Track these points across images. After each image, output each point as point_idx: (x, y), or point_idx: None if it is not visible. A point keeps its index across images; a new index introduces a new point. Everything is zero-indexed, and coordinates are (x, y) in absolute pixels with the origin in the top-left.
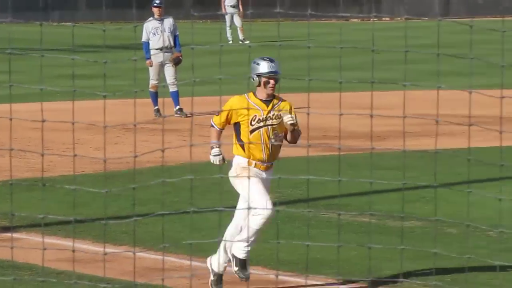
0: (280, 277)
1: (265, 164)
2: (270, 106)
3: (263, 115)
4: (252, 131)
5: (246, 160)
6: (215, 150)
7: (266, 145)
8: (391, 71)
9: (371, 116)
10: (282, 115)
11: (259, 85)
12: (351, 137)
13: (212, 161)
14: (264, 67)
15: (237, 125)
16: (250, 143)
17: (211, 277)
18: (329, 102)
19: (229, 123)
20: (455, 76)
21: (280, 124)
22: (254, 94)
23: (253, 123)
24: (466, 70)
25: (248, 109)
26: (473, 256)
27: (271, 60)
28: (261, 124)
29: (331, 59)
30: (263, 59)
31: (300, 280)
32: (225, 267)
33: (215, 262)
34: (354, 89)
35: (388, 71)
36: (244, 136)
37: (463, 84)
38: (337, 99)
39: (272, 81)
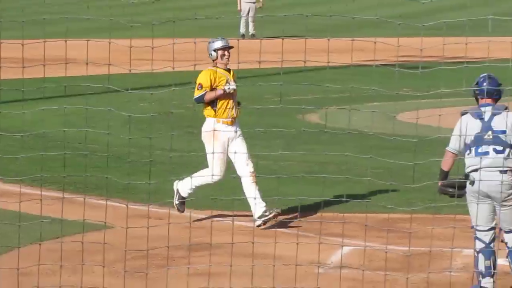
0: None
1: (231, 119)
2: (231, 74)
3: (231, 79)
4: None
5: (215, 120)
6: (226, 85)
7: (234, 102)
8: None
9: None
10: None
11: (216, 58)
12: None
13: (230, 88)
14: (218, 43)
15: (212, 90)
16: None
17: (176, 199)
18: None
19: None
20: None
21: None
22: (216, 66)
23: (227, 84)
24: None
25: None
26: None
27: (222, 38)
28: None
29: None
30: (216, 38)
31: None
32: (188, 194)
33: (184, 188)
34: None
35: None
36: (220, 97)
37: None
38: None
39: (227, 53)
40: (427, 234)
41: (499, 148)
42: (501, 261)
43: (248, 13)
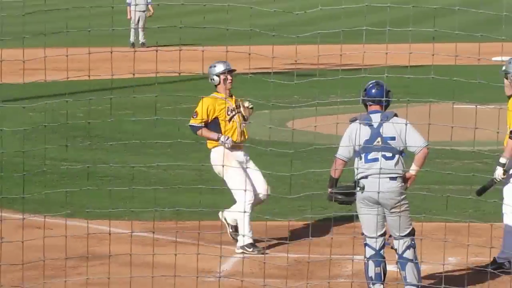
0: None
1: (240, 144)
2: (233, 98)
3: (232, 106)
4: (230, 119)
5: (223, 148)
6: (223, 136)
7: (240, 128)
8: None
9: None
10: (241, 103)
11: (219, 83)
12: None
13: (226, 145)
14: (220, 67)
15: (213, 121)
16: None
17: (229, 229)
18: None
19: (207, 120)
20: None
21: (243, 110)
22: (217, 92)
23: (229, 113)
24: None
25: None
26: None
27: (224, 61)
28: (234, 112)
29: None
30: (217, 62)
31: None
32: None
33: (230, 217)
34: None
35: None
36: (223, 126)
37: None
38: None
39: (229, 77)
40: (318, 241)
41: (389, 154)
42: (391, 268)
43: (138, 22)
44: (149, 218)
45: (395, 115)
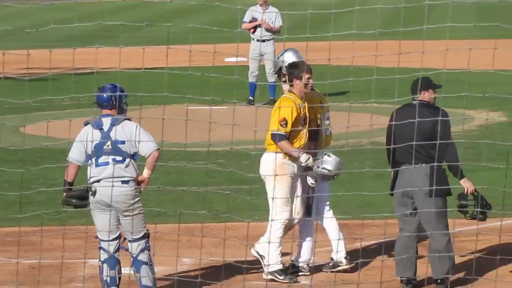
0: None
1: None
2: (306, 104)
3: (305, 113)
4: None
5: (282, 155)
6: (305, 155)
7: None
8: None
9: None
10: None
11: (297, 84)
12: None
13: (307, 163)
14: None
15: None
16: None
17: (264, 261)
18: None
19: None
20: None
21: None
22: (291, 93)
23: (302, 122)
24: None
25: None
26: None
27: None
28: (306, 121)
29: None
30: (293, 55)
31: None
32: (281, 261)
33: (262, 248)
34: None
35: None
36: (296, 133)
37: None
38: None
39: (311, 80)
40: (55, 246)
41: (119, 158)
42: (126, 270)
43: None
44: None
45: (127, 119)
